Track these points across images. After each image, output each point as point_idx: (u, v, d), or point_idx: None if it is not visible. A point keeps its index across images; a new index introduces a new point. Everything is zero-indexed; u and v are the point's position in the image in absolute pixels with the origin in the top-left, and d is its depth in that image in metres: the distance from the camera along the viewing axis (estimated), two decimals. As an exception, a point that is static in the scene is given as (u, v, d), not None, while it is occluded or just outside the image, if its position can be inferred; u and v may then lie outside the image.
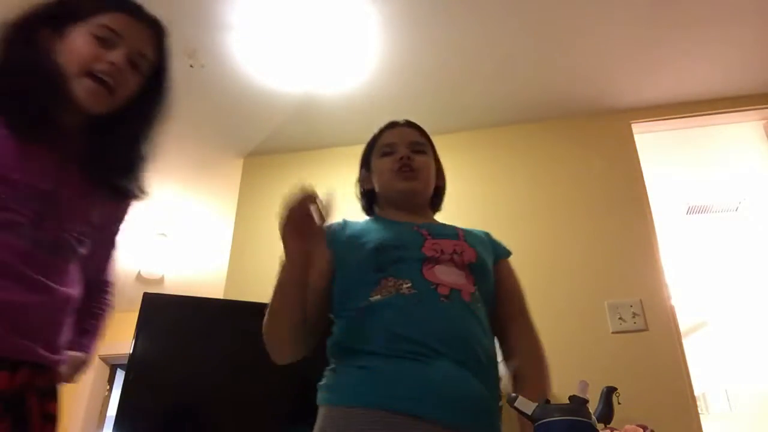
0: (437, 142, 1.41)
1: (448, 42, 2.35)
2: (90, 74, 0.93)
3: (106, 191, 1.02)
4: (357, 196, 1.38)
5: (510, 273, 1.27)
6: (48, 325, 0.91)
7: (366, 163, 1.36)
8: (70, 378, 1.05)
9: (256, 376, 1.96)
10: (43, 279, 0.89)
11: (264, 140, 2.94)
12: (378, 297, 1.08)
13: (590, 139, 2.71)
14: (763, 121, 2.69)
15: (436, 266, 1.11)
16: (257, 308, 2.25)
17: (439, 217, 1.38)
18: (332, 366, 1.10)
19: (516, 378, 1.14)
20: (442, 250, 1.14)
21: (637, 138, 2.67)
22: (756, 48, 2.38)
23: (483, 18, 2.23)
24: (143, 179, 1.07)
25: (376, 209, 1.35)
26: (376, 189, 1.31)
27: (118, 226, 1.15)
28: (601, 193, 2.56)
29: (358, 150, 1.40)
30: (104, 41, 0.95)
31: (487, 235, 1.32)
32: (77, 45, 0.94)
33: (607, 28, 2.29)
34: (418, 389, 0.97)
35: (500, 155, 2.77)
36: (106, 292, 1.18)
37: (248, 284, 2.66)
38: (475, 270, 1.15)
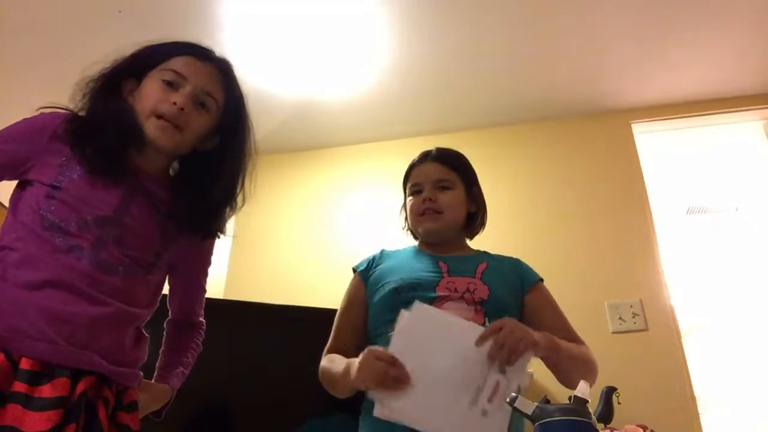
0: (437, 142, 1.40)
1: (449, 43, 2.35)
2: (157, 114, 1.01)
3: (185, 229, 1.08)
4: (401, 226, 1.48)
5: (540, 302, 1.32)
6: (107, 337, 0.93)
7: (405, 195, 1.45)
8: (149, 405, 1.06)
9: (255, 376, 1.97)
10: (101, 295, 0.93)
11: (264, 140, 2.93)
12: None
13: (590, 139, 2.71)
14: (763, 121, 2.69)
15: (446, 304, 1.21)
16: (257, 308, 2.25)
17: None
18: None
19: None
20: (455, 288, 1.23)
21: (637, 138, 2.67)
22: (756, 48, 2.38)
23: (483, 19, 2.23)
24: (221, 218, 1.12)
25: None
26: (409, 224, 1.42)
27: (201, 265, 1.21)
28: (601, 193, 2.56)
29: (358, 150, 1.41)
30: (171, 84, 1.03)
31: (516, 264, 1.36)
32: (147, 90, 1.03)
33: (607, 29, 2.29)
34: None
35: (500, 155, 2.76)
36: (197, 332, 1.23)
37: (248, 284, 2.66)
38: (486, 305, 1.21)
